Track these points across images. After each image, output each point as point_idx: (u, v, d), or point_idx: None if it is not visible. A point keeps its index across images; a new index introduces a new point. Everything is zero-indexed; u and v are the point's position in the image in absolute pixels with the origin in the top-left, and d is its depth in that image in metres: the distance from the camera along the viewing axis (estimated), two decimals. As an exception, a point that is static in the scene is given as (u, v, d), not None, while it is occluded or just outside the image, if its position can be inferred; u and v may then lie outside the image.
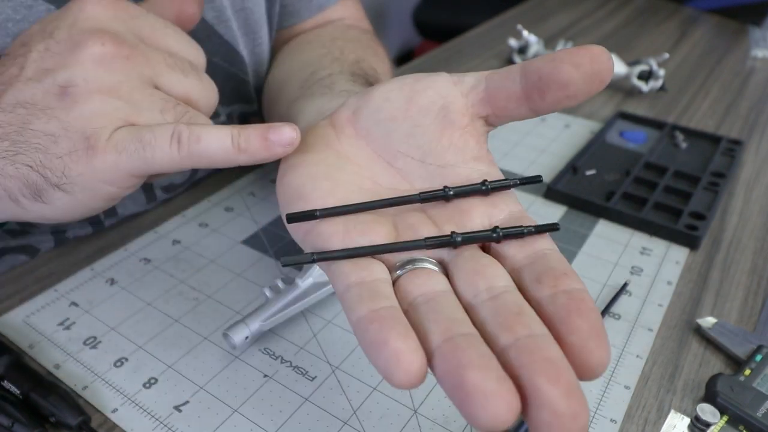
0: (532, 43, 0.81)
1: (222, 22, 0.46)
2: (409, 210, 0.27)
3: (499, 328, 0.21)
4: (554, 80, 0.25)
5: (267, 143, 0.27)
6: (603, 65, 0.24)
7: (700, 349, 0.38)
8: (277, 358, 0.36)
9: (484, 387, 0.18)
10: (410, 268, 0.24)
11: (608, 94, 0.74)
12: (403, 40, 2.42)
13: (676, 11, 1.07)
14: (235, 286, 0.41)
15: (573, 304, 0.21)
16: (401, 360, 0.19)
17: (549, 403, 0.18)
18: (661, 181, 0.53)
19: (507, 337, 0.20)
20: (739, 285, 0.43)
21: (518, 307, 0.21)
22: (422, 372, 0.19)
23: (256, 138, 0.27)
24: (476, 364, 0.19)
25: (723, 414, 0.33)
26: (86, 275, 0.42)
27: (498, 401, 0.18)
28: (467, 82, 0.28)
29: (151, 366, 0.35)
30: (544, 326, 0.21)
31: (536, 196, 0.52)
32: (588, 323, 0.20)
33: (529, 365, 0.19)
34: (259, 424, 0.32)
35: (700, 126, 0.67)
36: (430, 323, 0.21)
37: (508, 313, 0.21)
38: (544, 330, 0.20)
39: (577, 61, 0.24)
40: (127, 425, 0.32)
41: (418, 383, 0.19)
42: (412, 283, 0.23)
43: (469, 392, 0.18)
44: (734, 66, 0.84)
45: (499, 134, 0.63)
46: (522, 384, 0.19)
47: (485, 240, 0.25)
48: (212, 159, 0.27)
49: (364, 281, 0.23)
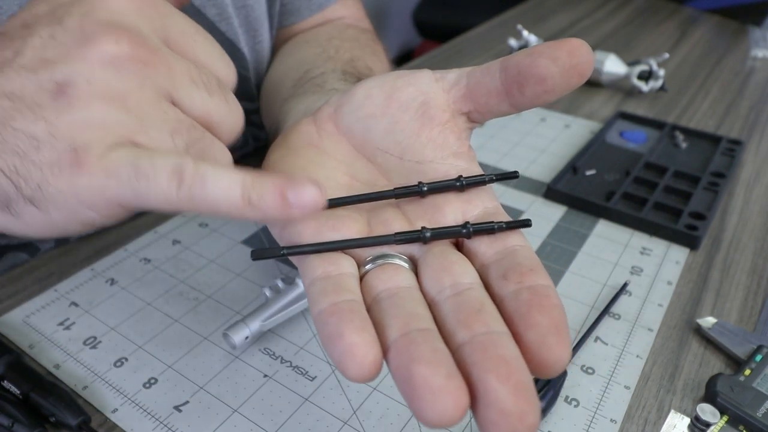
0: (532, 43, 0.81)
1: (224, 20, 0.47)
2: (385, 206, 0.27)
3: (458, 325, 0.21)
4: (532, 74, 0.25)
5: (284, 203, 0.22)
6: (581, 58, 0.24)
7: (700, 349, 0.38)
8: (277, 358, 0.36)
9: (431, 382, 0.18)
10: (380, 263, 0.24)
11: (608, 94, 0.74)
12: (403, 40, 2.42)
13: (676, 11, 1.07)
14: (235, 286, 0.41)
15: (535, 299, 0.21)
16: (355, 353, 0.19)
17: (496, 402, 0.18)
18: (661, 181, 0.53)
19: (464, 334, 0.20)
20: (739, 285, 0.43)
21: (480, 303, 0.21)
22: (375, 365, 0.19)
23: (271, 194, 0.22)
24: (427, 359, 0.19)
25: (723, 414, 0.33)
26: (86, 275, 0.42)
27: (445, 397, 0.18)
28: (449, 78, 0.28)
29: (151, 366, 0.35)
30: (503, 324, 0.21)
31: (536, 196, 0.52)
32: (548, 319, 0.20)
33: (481, 362, 0.19)
34: (259, 424, 0.32)
35: (700, 126, 0.67)
36: (389, 318, 0.21)
37: (468, 309, 0.21)
38: (503, 328, 0.20)
39: (554, 54, 0.24)
40: (127, 425, 0.32)
41: (373, 377, 0.19)
42: (378, 278, 0.23)
43: (416, 387, 0.18)
44: (734, 66, 0.84)
45: (499, 134, 0.63)
46: (472, 381, 0.19)
47: (454, 236, 0.25)
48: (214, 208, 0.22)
49: (330, 275, 0.23)
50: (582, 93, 0.74)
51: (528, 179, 0.55)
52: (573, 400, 0.34)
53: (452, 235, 0.25)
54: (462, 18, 1.73)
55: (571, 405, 0.34)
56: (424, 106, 0.27)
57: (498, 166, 0.57)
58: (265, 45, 0.52)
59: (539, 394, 0.32)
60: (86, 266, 0.43)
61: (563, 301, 0.41)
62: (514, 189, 0.53)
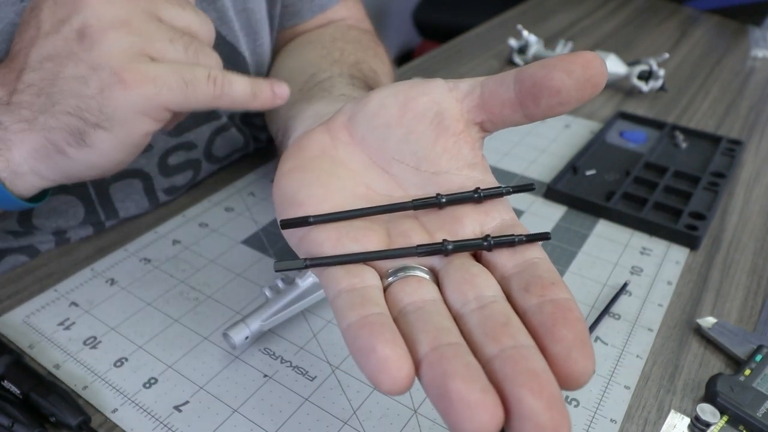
0: (532, 43, 0.81)
1: (224, 24, 0.47)
2: (402, 217, 0.27)
3: (485, 338, 0.21)
4: (546, 86, 0.25)
5: (273, 94, 0.32)
6: (595, 71, 0.24)
7: (700, 349, 0.38)
8: (277, 358, 0.36)
9: (468, 397, 0.18)
10: (402, 275, 0.24)
11: (608, 94, 0.74)
12: (403, 40, 2.42)
13: (676, 11, 1.07)
14: (235, 286, 0.41)
15: (559, 313, 0.21)
16: (389, 366, 0.19)
17: (531, 415, 0.18)
18: (661, 181, 0.53)
19: (492, 348, 0.20)
20: (739, 285, 0.43)
21: (505, 317, 0.22)
22: (409, 379, 0.20)
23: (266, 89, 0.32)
24: (461, 374, 0.19)
25: (723, 414, 0.33)
26: (86, 275, 0.42)
27: (481, 412, 0.18)
28: (462, 88, 0.28)
29: (151, 366, 0.35)
30: (529, 337, 0.21)
31: (536, 196, 0.52)
32: (573, 333, 0.20)
33: (513, 377, 0.19)
34: (259, 424, 0.32)
35: (700, 126, 0.67)
36: (418, 332, 0.21)
37: (494, 323, 0.21)
38: (530, 341, 0.21)
39: (569, 67, 0.24)
40: (127, 425, 0.32)
41: (405, 390, 0.19)
42: (402, 290, 0.23)
43: (453, 402, 0.18)
44: (734, 66, 0.84)
45: (499, 134, 0.63)
46: (505, 395, 0.19)
47: (476, 248, 0.25)
48: (235, 101, 0.32)
49: (355, 288, 0.23)
50: (582, 93, 0.74)
51: (528, 179, 0.55)
52: (573, 400, 0.34)
53: (474, 247, 0.25)
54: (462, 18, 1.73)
55: (571, 405, 0.34)
56: (439, 116, 0.27)
57: (498, 166, 0.57)
58: (265, 48, 0.52)
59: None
60: (86, 266, 0.43)
61: (563, 301, 0.41)
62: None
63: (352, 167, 0.29)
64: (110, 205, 0.45)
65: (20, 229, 0.43)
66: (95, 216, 0.45)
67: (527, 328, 0.21)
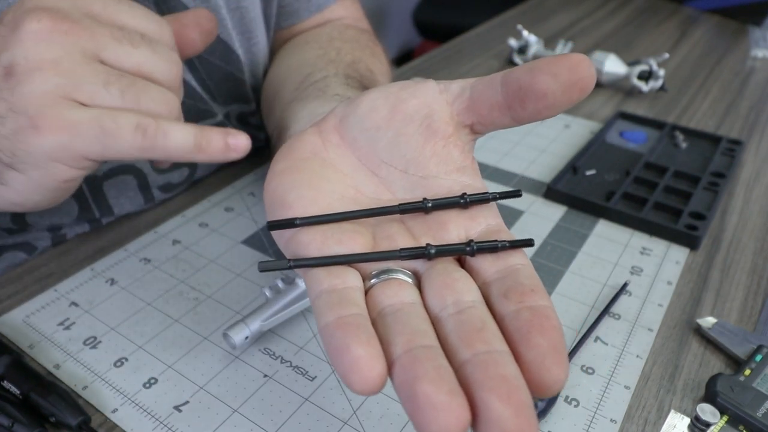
0: (532, 43, 0.81)
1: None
2: (389, 220, 0.27)
3: (460, 343, 0.21)
4: (532, 90, 0.25)
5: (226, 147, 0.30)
6: (583, 74, 0.24)
7: (700, 349, 0.38)
8: (277, 358, 0.36)
9: (434, 399, 0.18)
10: (384, 277, 0.24)
11: (608, 94, 0.74)
12: (403, 40, 2.42)
13: (676, 11, 1.07)
14: (235, 286, 0.41)
15: (536, 320, 0.21)
16: (361, 366, 0.20)
17: (498, 421, 0.18)
18: (661, 181, 0.53)
19: (466, 352, 0.20)
20: (739, 285, 0.43)
21: (481, 322, 0.22)
22: (381, 379, 0.20)
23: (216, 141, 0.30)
24: (430, 376, 0.19)
25: (723, 414, 0.33)
26: (86, 275, 0.42)
27: (446, 414, 0.18)
28: (453, 90, 0.27)
29: (151, 366, 0.35)
30: (504, 343, 0.21)
31: (536, 196, 0.52)
32: (548, 341, 0.20)
33: (483, 381, 0.19)
34: (259, 424, 0.32)
35: (700, 126, 0.67)
36: (394, 334, 0.21)
37: (470, 328, 0.21)
38: (504, 347, 0.21)
39: (555, 71, 0.24)
40: (127, 425, 0.32)
41: (377, 390, 0.20)
42: (383, 293, 0.24)
43: (420, 404, 0.19)
44: (734, 66, 0.84)
45: (499, 134, 0.63)
46: (474, 399, 0.19)
47: (459, 253, 0.25)
48: (171, 153, 0.29)
49: (336, 289, 0.23)
50: (582, 93, 0.74)
51: (528, 179, 0.55)
52: (573, 400, 0.34)
53: (456, 252, 0.25)
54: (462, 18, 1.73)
55: (571, 405, 0.34)
56: (428, 119, 0.27)
57: (498, 166, 0.57)
58: (260, 47, 0.52)
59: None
60: (86, 266, 0.43)
61: (563, 300, 0.41)
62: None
63: (341, 169, 0.29)
64: (104, 202, 0.45)
65: (14, 226, 0.43)
66: (89, 213, 0.45)
67: (504, 335, 0.21)
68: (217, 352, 0.36)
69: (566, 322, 0.39)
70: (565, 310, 0.40)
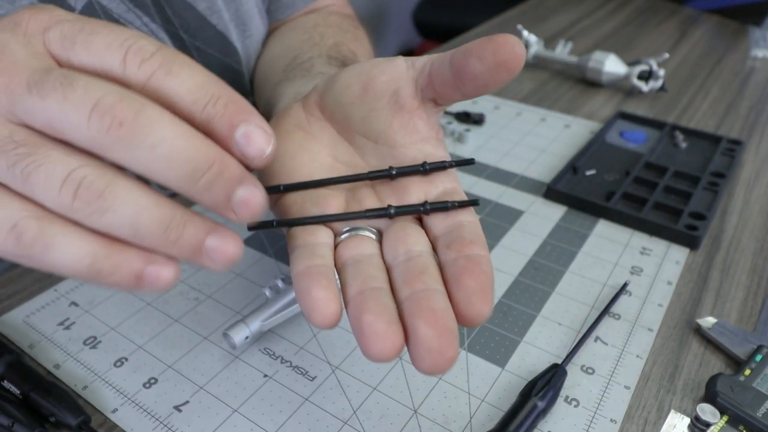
0: (532, 43, 0.81)
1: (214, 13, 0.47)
2: (361, 186, 0.30)
3: (403, 284, 0.25)
4: (465, 72, 0.27)
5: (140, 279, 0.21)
6: (506, 55, 0.25)
7: (700, 349, 0.38)
8: (277, 358, 0.36)
9: (375, 328, 0.22)
10: (352, 233, 0.28)
11: (608, 94, 0.74)
12: (403, 40, 2.42)
13: (676, 11, 1.07)
14: (235, 286, 0.41)
15: (469, 266, 0.24)
16: (319, 305, 0.23)
17: (423, 341, 0.22)
18: (661, 181, 0.53)
19: (406, 290, 0.24)
20: (739, 285, 0.43)
21: (424, 266, 0.25)
22: (336, 315, 0.23)
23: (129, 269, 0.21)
24: (374, 310, 0.23)
25: (723, 414, 0.33)
26: (86, 275, 0.42)
27: (383, 340, 0.22)
28: (417, 66, 0.29)
29: (151, 366, 0.35)
30: (440, 283, 0.24)
31: (536, 196, 0.52)
32: (476, 282, 0.24)
33: (415, 312, 0.23)
34: (259, 424, 0.32)
35: (700, 126, 0.67)
36: (351, 279, 0.25)
37: (413, 271, 0.25)
38: (439, 286, 0.24)
39: (481, 53, 0.26)
40: (127, 425, 0.32)
41: (332, 325, 0.23)
42: (347, 247, 0.27)
43: (364, 332, 0.22)
44: (734, 66, 0.84)
45: (499, 134, 0.63)
46: (407, 327, 0.23)
47: (414, 212, 0.29)
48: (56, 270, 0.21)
49: (308, 244, 0.27)
50: (582, 93, 0.74)
51: (528, 179, 0.55)
52: (573, 400, 0.34)
53: (412, 212, 0.29)
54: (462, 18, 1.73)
55: (571, 405, 0.34)
56: (396, 95, 0.29)
57: (498, 166, 0.57)
58: (254, 39, 0.54)
59: (539, 395, 0.32)
60: (86, 266, 0.43)
61: (563, 300, 0.41)
62: (514, 189, 0.53)
63: (322, 140, 0.32)
64: None
65: None
66: None
67: (444, 279, 0.25)
68: (217, 352, 0.36)
69: (566, 322, 0.39)
70: (565, 310, 0.40)
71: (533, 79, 0.78)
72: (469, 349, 0.37)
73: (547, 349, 0.37)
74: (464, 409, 0.33)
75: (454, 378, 0.35)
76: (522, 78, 0.78)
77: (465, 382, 0.35)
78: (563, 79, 0.78)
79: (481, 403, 0.34)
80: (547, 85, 0.77)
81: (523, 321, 0.39)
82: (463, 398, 0.34)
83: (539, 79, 0.79)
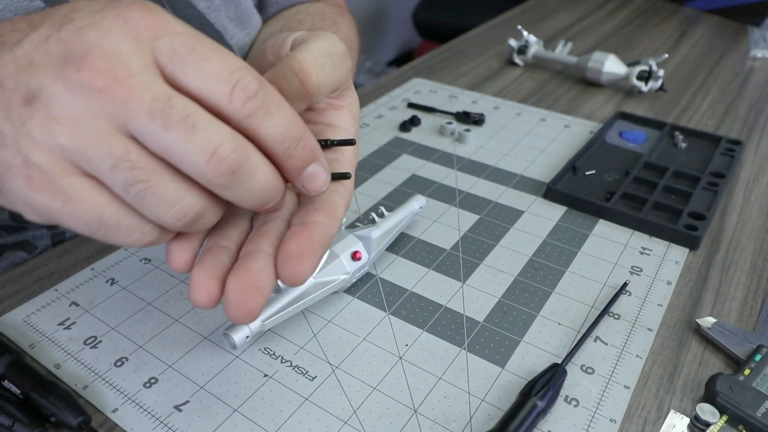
0: (532, 43, 0.81)
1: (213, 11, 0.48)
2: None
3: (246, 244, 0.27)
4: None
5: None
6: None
7: (700, 349, 0.38)
8: (277, 357, 0.36)
9: (196, 279, 0.25)
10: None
11: (608, 94, 0.74)
12: (403, 40, 2.42)
13: (676, 11, 1.08)
14: (235, 286, 0.41)
15: (300, 232, 0.26)
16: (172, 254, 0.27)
17: (228, 294, 0.25)
18: (661, 181, 0.53)
19: (243, 250, 0.27)
20: (738, 285, 0.43)
21: (268, 230, 0.27)
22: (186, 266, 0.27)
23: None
24: (204, 264, 0.26)
25: (722, 414, 0.33)
26: (86, 275, 0.42)
27: (200, 290, 0.25)
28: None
29: (151, 366, 0.35)
30: (272, 246, 0.26)
31: (536, 196, 0.52)
32: (296, 246, 0.26)
33: (235, 269, 0.26)
34: (259, 424, 0.32)
35: (700, 126, 0.67)
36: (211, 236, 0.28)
37: (258, 233, 0.27)
38: (269, 249, 0.26)
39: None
40: (127, 425, 0.32)
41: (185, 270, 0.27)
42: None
43: (192, 283, 0.26)
44: (734, 66, 0.84)
45: (499, 134, 0.63)
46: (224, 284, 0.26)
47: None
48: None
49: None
50: (582, 93, 0.75)
51: (528, 179, 0.55)
52: (573, 399, 0.34)
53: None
54: (462, 18, 1.73)
55: (571, 405, 0.34)
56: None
57: (498, 166, 0.57)
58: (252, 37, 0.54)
59: (539, 394, 0.32)
60: (86, 266, 0.43)
61: (563, 300, 0.41)
62: (514, 189, 0.53)
63: None
64: None
65: (13, 223, 0.43)
66: None
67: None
68: (217, 351, 0.36)
69: (566, 322, 0.39)
70: (564, 309, 0.40)
71: (533, 79, 0.78)
72: (469, 349, 0.37)
73: (547, 348, 0.37)
74: (464, 408, 0.33)
75: (454, 378, 0.35)
76: (522, 78, 0.79)
77: (465, 382, 0.35)
78: (563, 80, 0.78)
79: (481, 402, 0.34)
80: (547, 85, 0.77)
81: (523, 321, 0.39)
82: (463, 398, 0.34)
83: (539, 79, 0.79)
